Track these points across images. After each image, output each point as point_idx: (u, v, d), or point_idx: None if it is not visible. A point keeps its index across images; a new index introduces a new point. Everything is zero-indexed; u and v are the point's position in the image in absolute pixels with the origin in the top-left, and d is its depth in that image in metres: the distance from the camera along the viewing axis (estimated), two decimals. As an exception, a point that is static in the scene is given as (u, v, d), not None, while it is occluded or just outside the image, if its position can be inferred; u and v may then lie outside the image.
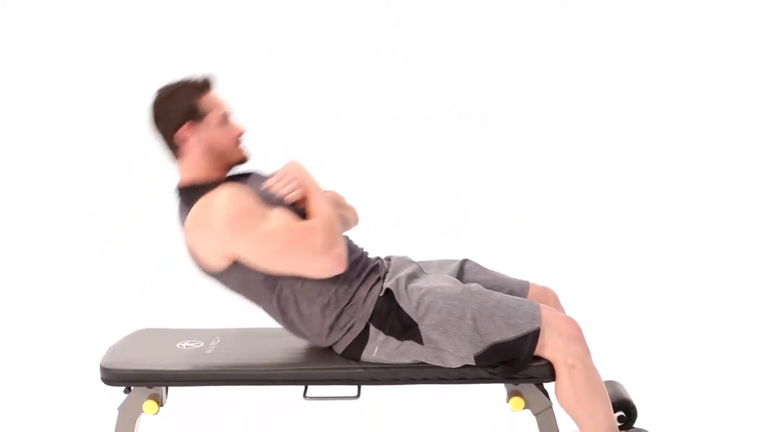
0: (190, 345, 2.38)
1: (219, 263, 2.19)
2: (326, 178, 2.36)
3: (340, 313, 2.21)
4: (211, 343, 2.39)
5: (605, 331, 2.55)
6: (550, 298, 2.46)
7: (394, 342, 2.20)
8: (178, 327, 2.58)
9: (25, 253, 4.38)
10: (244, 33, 4.61)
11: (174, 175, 2.33)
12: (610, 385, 2.40)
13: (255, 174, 2.36)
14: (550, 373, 2.19)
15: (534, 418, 2.25)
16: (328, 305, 2.21)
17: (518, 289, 2.42)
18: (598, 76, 4.62)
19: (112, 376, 2.23)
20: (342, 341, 2.23)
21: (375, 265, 2.32)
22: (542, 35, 4.61)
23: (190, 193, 2.25)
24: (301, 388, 2.25)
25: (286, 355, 2.31)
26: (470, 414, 3.09)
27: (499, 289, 2.34)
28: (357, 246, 2.36)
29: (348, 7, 4.56)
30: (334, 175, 2.55)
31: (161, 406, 2.26)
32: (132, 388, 2.25)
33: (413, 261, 2.42)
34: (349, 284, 2.22)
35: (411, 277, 2.30)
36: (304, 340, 2.36)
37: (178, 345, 2.38)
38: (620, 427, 2.33)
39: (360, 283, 2.24)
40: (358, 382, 2.22)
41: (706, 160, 4.57)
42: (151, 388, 2.24)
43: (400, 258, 2.41)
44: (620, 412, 2.33)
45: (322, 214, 2.21)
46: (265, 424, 3.07)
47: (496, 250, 4.00)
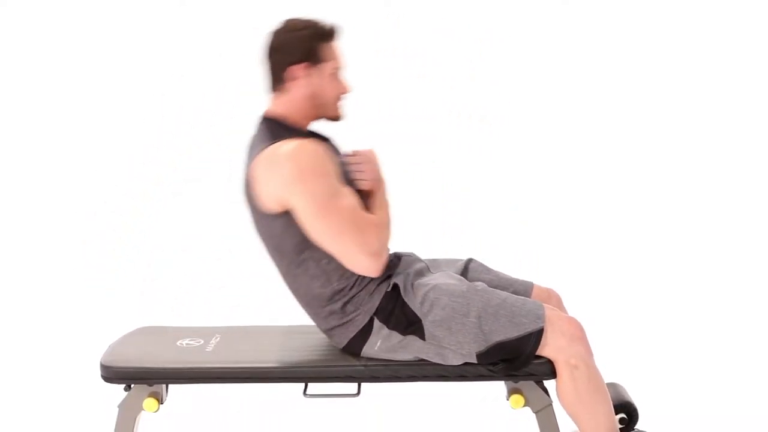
0: (190, 343, 2.38)
1: (271, 206, 2.17)
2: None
3: (347, 302, 2.21)
4: (212, 341, 2.39)
5: (605, 333, 2.55)
6: (554, 299, 2.46)
7: (396, 336, 2.20)
8: (178, 325, 2.58)
9: (26, 253, 4.38)
10: (243, 33, 4.60)
11: (264, 105, 2.33)
12: (612, 387, 2.40)
13: (331, 141, 2.36)
14: (550, 370, 2.19)
15: (534, 415, 2.25)
16: (340, 291, 2.20)
17: (522, 290, 2.42)
18: (598, 76, 4.62)
19: (112, 374, 2.23)
20: (343, 332, 2.23)
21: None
22: (542, 35, 4.61)
23: (275, 126, 2.24)
24: (301, 386, 2.25)
25: (286, 352, 2.31)
26: (470, 411, 3.09)
27: (503, 289, 2.34)
28: None
29: (348, 7, 4.56)
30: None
31: (161, 403, 2.26)
32: (132, 385, 2.25)
33: (421, 259, 2.42)
34: (363, 276, 2.22)
35: (418, 274, 2.30)
36: (304, 338, 2.36)
37: (179, 343, 2.38)
38: (621, 429, 2.33)
39: (372, 277, 2.24)
40: (358, 379, 2.22)
41: (707, 160, 4.57)
42: (151, 385, 2.24)
43: (408, 255, 2.41)
44: (622, 414, 2.33)
45: (386, 218, 2.23)
46: (266, 422, 3.06)
47: (496, 250, 3.99)
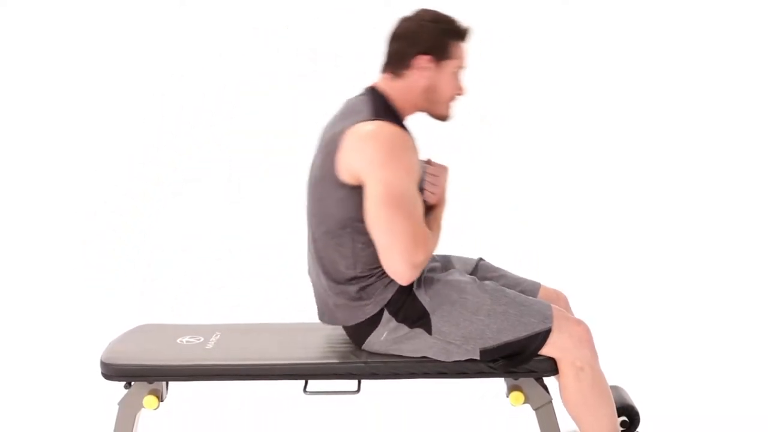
0: (190, 340, 2.38)
1: (344, 174, 2.15)
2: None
3: (362, 289, 2.20)
4: (212, 339, 2.39)
5: (605, 334, 2.55)
6: (561, 301, 2.47)
7: (404, 329, 2.20)
8: (178, 322, 2.59)
9: (26, 253, 4.39)
10: (243, 33, 4.61)
11: (371, 81, 2.31)
12: (614, 390, 2.41)
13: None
14: (550, 367, 2.19)
15: (534, 412, 2.25)
16: (360, 278, 2.20)
17: (529, 290, 2.42)
18: (598, 75, 4.63)
19: (112, 372, 2.23)
20: (349, 314, 2.22)
21: None
22: (542, 35, 4.62)
23: (381, 103, 2.23)
24: (301, 383, 2.25)
25: (286, 349, 2.31)
26: (470, 409, 3.09)
27: (511, 289, 2.33)
28: None
29: (348, 7, 4.57)
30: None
31: (161, 401, 2.26)
32: (132, 383, 2.25)
33: (433, 256, 2.42)
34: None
35: (430, 270, 2.30)
36: (304, 335, 2.37)
37: (179, 340, 2.38)
38: (623, 432, 2.35)
39: None
40: (359, 376, 2.22)
41: (708, 159, 4.58)
42: (151, 383, 2.24)
43: None
44: (623, 417, 2.34)
45: (437, 238, 2.24)
46: (266, 419, 3.06)
47: (496, 250, 3.99)
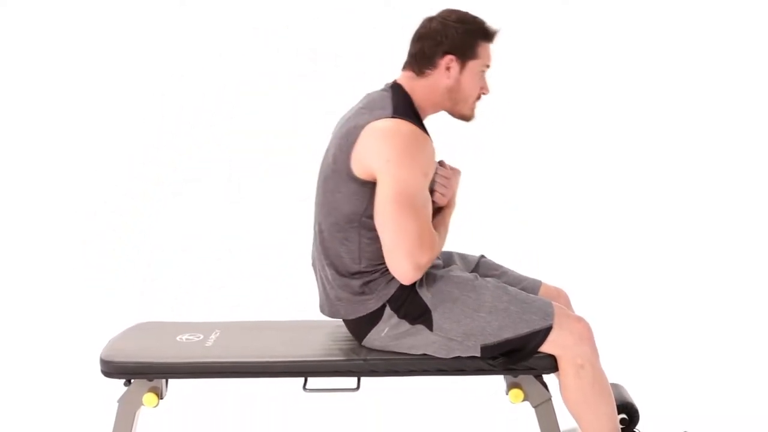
0: (190, 338, 2.38)
1: (357, 169, 2.14)
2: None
3: (365, 284, 2.20)
4: (211, 336, 2.39)
5: (605, 333, 2.55)
6: (562, 298, 2.46)
7: (405, 325, 2.20)
8: (178, 320, 2.59)
9: (26, 253, 4.39)
10: (243, 33, 4.61)
11: (391, 78, 2.29)
12: (613, 387, 2.40)
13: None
14: (549, 365, 2.19)
15: (533, 410, 2.25)
16: (363, 273, 2.20)
17: (530, 288, 2.42)
18: (598, 75, 4.62)
19: (112, 369, 2.23)
20: (351, 307, 2.22)
21: None
22: (542, 35, 4.61)
23: (403, 100, 2.21)
24: (301, 380, 2.25)
25: (286, 347, 2.31)
26: (469, 406, 3.09)
27: (513, 286, 2.33)
28: None
29: (348, 7, 4.57)
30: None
31: (161, 398, 2.26)
32: (132, 380, 2.24)
33: None
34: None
35: (432, 267, 2.30)
36: (303, 332, 2.37)
37: (178, 338, 2.38)
38: (622, 430, 2.33)
39: None
40: (358, 373, 2.23)
41: (709, 158, 4.58)
42: (151, 380, 2.24)
43: None
44: (623, 415, 2.34)
45: (443, 240, 2.24)
46: (265, 417, 3.06)
47: (496, 250, 3.98)
